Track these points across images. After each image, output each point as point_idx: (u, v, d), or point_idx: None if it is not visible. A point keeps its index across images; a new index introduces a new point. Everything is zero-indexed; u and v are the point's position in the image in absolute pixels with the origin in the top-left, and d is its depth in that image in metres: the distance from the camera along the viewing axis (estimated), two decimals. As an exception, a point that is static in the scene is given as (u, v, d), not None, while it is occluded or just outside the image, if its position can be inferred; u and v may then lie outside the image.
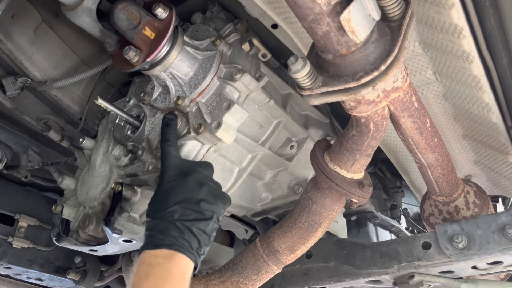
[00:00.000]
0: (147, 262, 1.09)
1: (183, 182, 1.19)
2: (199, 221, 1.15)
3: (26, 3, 1.56)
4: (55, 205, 1.56)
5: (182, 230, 1.12)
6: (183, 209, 1.14)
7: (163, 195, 1.18)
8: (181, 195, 1.16)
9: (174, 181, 1.20)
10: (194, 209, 1.15)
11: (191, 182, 1.19)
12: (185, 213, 1.14)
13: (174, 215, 1.13)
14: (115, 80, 1.81)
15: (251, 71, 1.40)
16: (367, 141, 1.12)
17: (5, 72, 1.66)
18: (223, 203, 1.23)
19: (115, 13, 1.30)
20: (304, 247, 1.36)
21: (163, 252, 1.09)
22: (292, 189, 1.79)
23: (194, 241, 1.13)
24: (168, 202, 1.16)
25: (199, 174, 1.22)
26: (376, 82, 0.89)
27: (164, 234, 1.11)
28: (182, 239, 1.11)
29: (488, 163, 1.79)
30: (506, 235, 1.30)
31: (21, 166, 1.91)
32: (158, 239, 1.11)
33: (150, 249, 1.10)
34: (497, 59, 1.19)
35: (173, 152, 1.26)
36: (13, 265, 1.98)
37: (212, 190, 1.21)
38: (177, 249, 1.10)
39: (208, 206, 1.17)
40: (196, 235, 1.13)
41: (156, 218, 1.15)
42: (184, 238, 1.11)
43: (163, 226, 1.13)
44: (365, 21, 0.83)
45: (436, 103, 1.56)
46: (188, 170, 1.21)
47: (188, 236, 1.12)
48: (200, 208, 1.16)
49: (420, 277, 1.44)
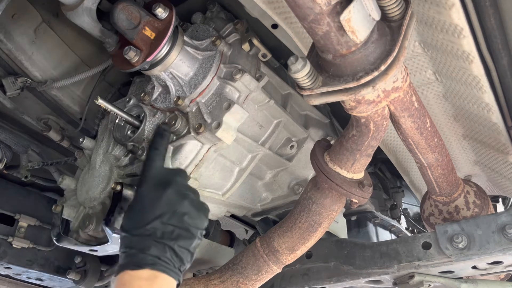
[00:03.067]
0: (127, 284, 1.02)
1: (163, 194, 1.11)
2: (183, 239, 1.09)
3: (26, 3, 1.56)
4: (55, 205, 1.56)
5: (164, 249, 1.06)
6: (164, 225, 1.08)
7: (141, 208, 1.11)
8: (161, 209, 1.09)
9: (153, 193, 1.13)
10: (177, 225, 1.09)
11: (171, 193, 1.12)
12: (167, 229, 1.08)
13: (155, 232, 1.07)
14: (115, 80, 1.81)
15: (251, 71, 1.41)
16: (367, 141, 1.12)
17: (5, 72, 1.66)
18: (205, 216, 1.17)
19: (115, 13, 1.30)
20: (304, 247, 1.36)
21: (145, 273, 1.02)
22: (292, 189, 1.79)
23: (176, 259, 1.07)
24: (148, 217, 1.08)
25: (179, 185, 1.15)
26: (376, 82, 0.89)
27: (144, 252, 1.04)
28: (165, 258, 1.05)
29: (488, 163, 1.79)
30: (506, 235, 1.30)
31: (21, 166, 1.91)
32: (139, 258, 1.04)
33: (130, 269, 1.03)
34: (497, 59, 1.18)
35: (158, 162, 1.20)
36: (13, 265, 1.98)
37: (193, 202, 1.15)
38: (160, 269, 1.04)
39: (191, 221, 1.11)
40: (179, 254, 1.08)
41: (136, 235, 1.08)
42: (166, 257, 1.05)
43: (143, 244, 1.06)
44: (365, 21, 0.83)
45: (436, 103, 1.56)
46: (169, 181, 1.14)
47: (171, 255, 1.06)
48: (183, 223, 1.10)
49: (420, 277, 1.44)
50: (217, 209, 1.64)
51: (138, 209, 1.12)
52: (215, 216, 1.69)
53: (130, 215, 1.14)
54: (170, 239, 1.07)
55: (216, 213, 1.66)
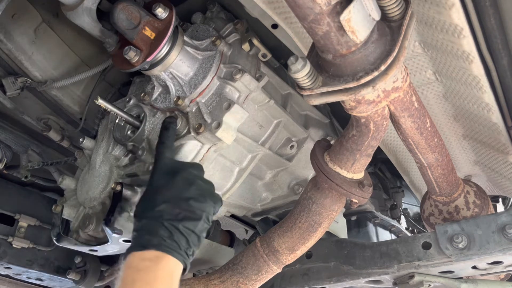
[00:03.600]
0: (134, 265, 1.04)
1: (171, 181, 1.16)
2: (188, 220, 1.11)
3: (26, 3, 1.56)
4: (55, 205, 1.56)
5: (170, 230, 1.08)
6: (171, 208, 1.11)
7: (151, 195, 1.15)
8: (169, 194, 1.13)
9: (162, 180, 1.17)
10: (182, 207, 1.12)
11: (179, 180, 1.16)
12: (174, 212, 1.10)
13: (162, 215, 1.09)
14: (115, 80, 1.81)
15: (251, 71, 1.40)
16: (367, 141, 1.12)
17: (5, 72, 1.66)
18: (213, 202, 1.19)
19: (115, 13, 1.30)
20: (304, 247, 1.36)
21: (151, 254, 1.05)
22: (292, 189, 1.79)
23: (182, 241, 1.09)
24: (156, 201, 1.12)
25: (188, 174, 1.18)
26: (376, 82, 0.89)
27: (151, 234, 1.07)
28: (171, 240, 1.07)
29: (488, 163, 1.79)
30: (506, 235, 1.30)
31: (21, 166, 1.91)
32: (145, 239, 1.07)
33: (137, 251, 1.06)
34: (497, 59, 1.18)
35: (167, 154, 1.24)
36: (13, 265, 1.98)
37: (201, 188, 1.18)
38: (165, 250, 1.06)
39: (197, 205, 1.14)
40: (184, 235, 1.09)
41: (144, 218, 1.11)
42: (173, 238, 1.07)
43: (150, 226, 1.09)
44: (365, 21, 0.83)
45: (436, 103, 1.56)
46: (178, 170, 1.19)
47: (177, 236, 1.08)
48: (189, 206, 1.12)
49: (420, 277, 1.44)
50: (217, 209, 1.64)
51: (147, 195, 1.16)
52: (215, 216, 1.68)
53: (140, 202, 1.18)
54: (176, 220, 1.09)
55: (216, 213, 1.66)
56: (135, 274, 1.02)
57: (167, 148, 1.26)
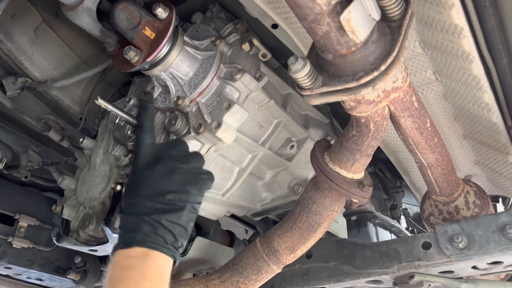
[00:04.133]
0: (120, 264, 1.01)
1: (152, 173, 1.10)
2: (169, 213, 1.06)
3: (26, 3, 1.56)
4: (55, 205, 1.56)
5: (153, 225, 1.03)
6: (152, 202, 1.06)
7: (132, 189, 1.10)
8: (150, 187, 1.08)
9: (143, 172, 1.11)
10: (162, 201, 1.07)
11: (158, 171, 1.10)
12: (155, 206, 1.06)
13: (144, 210, 1.05)
14: (115, 80, 1.81)
15: (251, 71, 1.40)
16: (367, 141, 1.12)
17: (5, 72, 1.66)
18: (197, 189, 1.12)
19: (115, 13, 1.30)
20: (304, 247, 1.36)
21: (136, 251, 1.01)
22: (292, 189, 1.79)
23: (168, 235, 1.04)
24: (137, 195, 1.08)
25: (169, 161, 1.12)
26: (376, 82, 0.89)
27: (134, 231, 1.03)
28: (155, 235, 1.02)
29: (488, 163, 1.79)
30: (506, 235, 1.30)
31: (21, 166, 1.91)
32: (129, 236, 1.03)
33: (122, 248, 1.02)
34: (497, 59, 1.18)
35: (147, 140, 1.18)
36: (13, 265, 1.98)
37: (182, 177, 1.11)
38: (150, 246, 1.02)
39: (177, 196, 1.08)
40: (169, 229, 1.04)
41: (126, 214, 1.08)
42: (157, 233, 1.03)
43: (133, 223, 1.05)
44: (365, 21, 0.83)
45: (436, 103, 1.56)
46: (157, 159, 1.12)
47: (161, 231, 1.03)
48: (169, 200, 1.07)
49: (420, 277, 1.44)
50: (217, 209, 1.64)
51: (129, 190, 1.12)
52: (215, 216, 1.69)
53: (123, 197, 1.14)
54: (157, 214, 1.05)
55: (216, 213, 1.66)
56: (121, 273, 0.99)
57: (146, 132, 1.19)
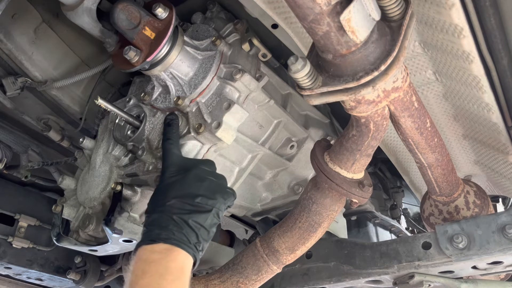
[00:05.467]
0: (144, 258, 1.06)
1: (183, 178, 1.17)
2: (197, 214, 1.12)
3: (26, 3, 1.56)
4: (55, 205, 1.56)
5: (179, 224, 1.09)
6: (181, 203, 1.13)
7: (162, 191, 1.17)
8: (181, 190, 1.15)
9: (174, 177, 1.19)
10: (192, 203, 1.13)
11: (191, 177, 1.17)
12: (183, 207, 1.12)
13: (172, 209, 1.11)
14: (115, 80, 1.81)
15: (251, 71, 1.40)
16: (367, 141, 1.12)
17: (5, 72, 1.66)
18: (223, 198, 1.20)
19: (115, 13, 1.30)
20: (304, 247, 1.36)
21: (160, 247, 1.06)
22: (292, 189, 1.79)
23: (192, 235, 1.10)
24: (167, 197, 1.14)
25: (200, 170, 1.20)
26: (376, 82, 0.89)
27: (161, 228, 1.09)
28: (180, 233, 1.08)
29: (488, 163, 1.79)
30: (506, 235, 1.30)
31: (21, 166, 1.91)
32: (155, 233, 1.08)
33: (146, 244, 1.07)
34: (497, 59, 1.18)
35: (175, 150, 1.26)
36: (13, 265, 1.98)
37: (212, 185, 1.19)
38: (174, 243, 1.07)
39: (206, 200, 1.15)
40: (194, 229, 1.11)
41: (154, 213, 1.13)
42: (182, 232, 1.09)
43: (160, 221, 1.10)
44: (365, 21, 0.83)
45: (436, 103, 1.56)
46: (189, 167, 1.20)
47: (186, 230, 1.09)
48: (199, 202, 1.14)
49: (420, 277, 1.44)
50: (217, 209, 1.64)
51: (159, 192, 1.18)
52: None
53: (152, 199, 1.19)
54: (185, 214, 1.11)
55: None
56: (145, 266, 1.03)
57: (173, 144, 1.27)
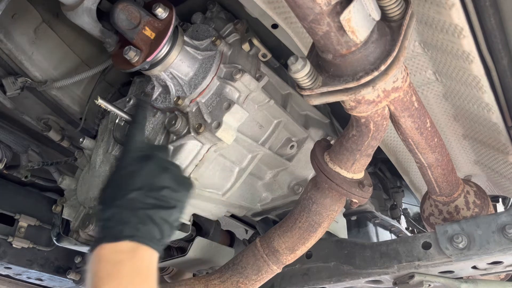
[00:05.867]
0: (107, 258, 0.95)
1: (144, 167, 1.07)
2: (162, 209, 1.04)
3: (26, 3, 1.56)
4: (55, 205, 1.56)
5: (143, 220, 1.00)
6: (144, 197, 1.03)
7: (121, 181, 1.06)
8: (142, 181, 1.05)
9: (133, 165, 1.08)
10: (156, 196, 1.04)
11: (152, 166, 1.08)
12: (147, 201, 1.03)
13: (134, 204, 1.01)
14: (115, 80, 1.81)
15: (251, 71, 1.41)
16: (367, 141, 1.12)
17: (5, 72, 1.66)
18: (186, 190, 1.12)
19: (115, 13, 1.30)
20: (304, 247, 1.36)
21: (125, 246, 0.96)
22: (292, 189, 1.79)
23: (156, 231, 1.01)
24: (127, 188, 1.03)
25: (161, 159, 1.12)
26: (376, 82, 0.89)
27: (124, 224, 0.99)
28: (145, 230, 0.99)
29: (488, 163, 1.79)
30: (506, 235, 1.30)
31: (21, 166, 1.91)
32: (117, 230, 0.98)
33: (108, 242, 0.97)
34: (497, 59, 1.18)
35: (138, 135, 1.17)
36: (13, 265, 1.99)
37: (175, 176, 1.11)
38: (140, 240, 0.98)
39: (171, 194, 1.07)
40: (158, 225, 1.02)
41: (113, 206, 1.02)
42: (147, 228, 1.00)
43: (122, 215, 1.00)
44: (365, 21, 0.83)
45: (436, 103, 1.56)
46: (150, 154, 1.11)
47: (151, 226, 1.01)
48: (163, 196, 1.05)
49: (420, 277, 1.44)
50: (217, 209, 1.64)
51: (117, 181, 1.07)
52: (215, 216, 1.69)
53: (108, 187, 1.08)
54: (149, 209, 1.02)
55: (216, 213, 1.66)
56: (111, 268, 0.94)
57: (140, 129, 1.19)
